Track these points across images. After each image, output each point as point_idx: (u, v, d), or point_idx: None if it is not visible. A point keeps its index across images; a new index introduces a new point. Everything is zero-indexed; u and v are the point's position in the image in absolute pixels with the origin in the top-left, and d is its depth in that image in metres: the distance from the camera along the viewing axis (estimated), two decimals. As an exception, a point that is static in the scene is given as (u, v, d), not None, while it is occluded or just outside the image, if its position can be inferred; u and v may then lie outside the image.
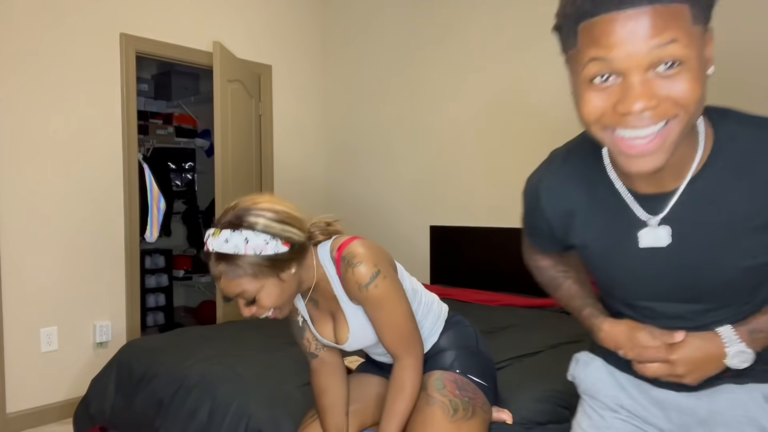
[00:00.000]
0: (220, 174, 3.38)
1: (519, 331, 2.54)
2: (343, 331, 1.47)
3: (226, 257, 1.27)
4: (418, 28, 3.88)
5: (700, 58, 0.74)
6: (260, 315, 1.36)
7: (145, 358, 2.31)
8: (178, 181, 5.37)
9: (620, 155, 0.78)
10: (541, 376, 1.87)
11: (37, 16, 3.01)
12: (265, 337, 2.49)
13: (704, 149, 0.84)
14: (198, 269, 5.36)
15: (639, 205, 0.89)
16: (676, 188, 0.86)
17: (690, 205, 0.86)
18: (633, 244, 0.91)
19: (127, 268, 3.37)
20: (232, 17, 3.86)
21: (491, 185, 3.54)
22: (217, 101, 3.36)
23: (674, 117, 0.74)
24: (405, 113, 3.99)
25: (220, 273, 1.29)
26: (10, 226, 2.94)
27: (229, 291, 1.31)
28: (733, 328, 0.91)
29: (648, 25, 0.70)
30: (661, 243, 0.88)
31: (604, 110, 0.76)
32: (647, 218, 0.89)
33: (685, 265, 0.89)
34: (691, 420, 1.02)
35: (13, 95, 2.95)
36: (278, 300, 1.33)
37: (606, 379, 1.12)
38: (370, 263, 1.36)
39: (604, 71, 0.74)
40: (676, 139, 0.75)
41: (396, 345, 1.41)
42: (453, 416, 1.37)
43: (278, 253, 1.29)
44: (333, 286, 1.42)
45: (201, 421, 1.89)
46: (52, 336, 3.08)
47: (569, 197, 0.98)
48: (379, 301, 1.37)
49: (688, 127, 0.76)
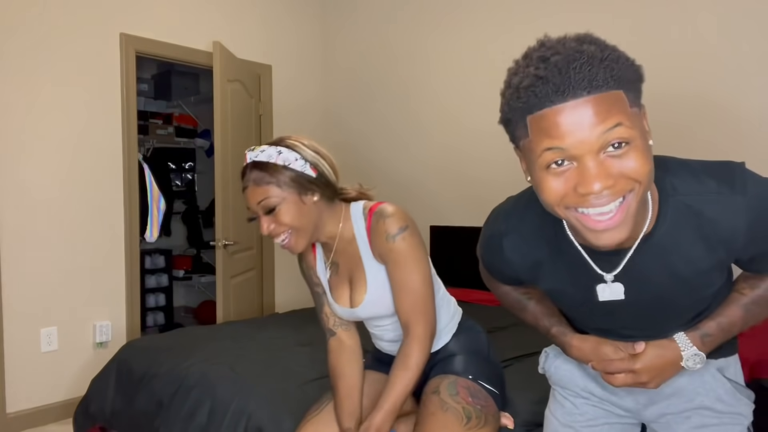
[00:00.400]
0: (220, 174, 3.38)
1: (519, 331, 2.54)
2: (359, 293, 1.49)
3: (258, 165, 1.39)
4: (418, 27, 3.88)
5: (643, 134, 0.80)
6: (277, 234, 1.41)
7: (145, 358, 2.31)
8: (178, 181, 5.37)
9: (587, 231, 0.82)
10: (540, 376, 1.86)
11: (37, 16, 3.02)
12: (264, 337, 2.50)
13: (652, 207, 0.90)
14: (198, 269, 5.36)
15: (595, 263, 0.96)
16: (629, 246, 0.92)
17: (641, 261, 0.93)
18: (594, 295, 1.00)
19: (127, 268, 3.37)
20: (232, 17, 3.86)
21: (491, 185, 3.54)
22: (217, 101, 3.36)
23: (630, 191, 0.79)
24: (405, 113, 3.99)
25: (249, 180, 1.40)
26: (10, 225, 2.94)
27: (254, 197, 1.39)
28: (686, 334, 1.02)
29: (592, 113, 0.75)
30: (617, 297, 0.97)
31: (565, 192, 0.80)
32: (603, 275, 0.96)
33: (641, 309, 1.00)
34: (657, 396, 1.13)
35: (13, 95, 2.95)
36: (295, 220, 1.39)
37: (575, 369, 1.22)
38: (402, 219, 1.43)
39: (559, 158, 0.78)
40: (635, 209, 0.81)
41: (409, 310, 1.42)
42: (466, 424, 1.38)
43: (304, 173, 1.40)
44: (359, 243, 1.47)
45: (201, 420, 1.89)
46: (52, 336, 3.08)
47: (533, 251, 1.03)
48: (402, 256, 1.41)
49: (644, 197, 0.85)
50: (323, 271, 1.57)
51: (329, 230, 1.48)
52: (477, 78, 3.60)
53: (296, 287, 4.29)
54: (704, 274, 0.95)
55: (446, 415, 1.38)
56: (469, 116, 3.65)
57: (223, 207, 3.39)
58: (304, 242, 1.44)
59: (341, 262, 1.52)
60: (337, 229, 1.48)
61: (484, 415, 1.42)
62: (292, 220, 1.39)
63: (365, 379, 1.59)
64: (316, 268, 1.58)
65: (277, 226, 1.40)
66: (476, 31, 3.60)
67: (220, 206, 3.37)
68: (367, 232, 1.46)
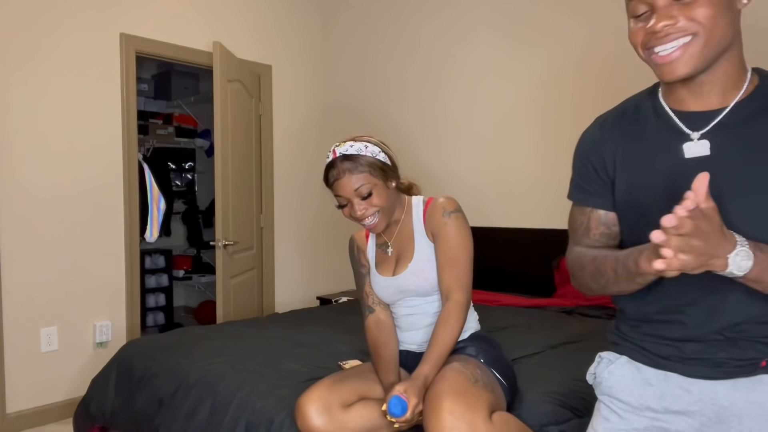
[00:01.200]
0: (220, 174, 3.38)
1: (519, 331, 2.54)
2: (403, 264, 1.70)
3: (350, 157, 1.62)
4: (418, 27, 3.88)
5: None
6: (366, 216, 1.62)
7: (145, 358, 2.31)
8: (178, 181, 5.37)
9: (656, 67, 0.98)
10: (541, 377, 1.87)
11: (38, 16, 3.02)
12: (264, 337, 2.50)
13: (749, 84, 1.00)
14: (198, 269, 5.36)
15: (683, 123, 1.02)
16: (720, 109, 1.00)
17: (731, 125, 0.98)
18: (676, 160, 1.01)
19: (127, 268, 3.37)
20: (232, 17, 3.86)
21: (491, 185, 3.54)
22: (217, 101, 3.36)
23: (694, 35, 0.94)
24: (404, 113, 3.99)
25: (344, 170, 1.60)
26: (10, 225, 2.94)
27: (350, 185, 1.60)
28: (748, 241, 0.89)
29: None
30: (703, 152, 0.99)
31: (644, 34, 0.98)
32: (690, 133, 1.01)
33: (721, 179, 0.94)
34: (725, 412, 1.00)
35: (13, 95, 2.95)
36: (384, 202, 1.63)
37: (631, 375, 1.10)
38: (457, 204, 1.70)
39: (641, 8, 0.98)
40: (698, 53, 0.94)
41: (452, 280, 1.61)
42: (474, 383, 1.45)
43: (386, 163, 1.66)
44: (414, 223, 1.72)
45: (202, 418, 1.89)
46: (52, 336, 3.08)
47: (615, 137, 1.11)
48: (454, 231, 1.64)
49: (710, 45, 0.94)
50: (372, 250, 1.80)
51: (396, 213, 1.73)
52: (478, 77, 3.60)
53: (296, 287, 4.29)
54: None
55: (455, 373, 1.47)
56: (469, 115, 3.65)
57: (223, 207, 3.39)
58: (385, 222, 1.67)
59: (394, 243, 1.75)
60: (402, 213, 1.74)
61: (491, 386, 1.50)
62: (382, 203, 1.62)
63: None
64: (367, 248, 1.81)
65: (369, 208, 1.61)
66: (476, 31, 3.60)
67: (220, 206, 3.37)
68: (423, 215, 1.70)
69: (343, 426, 1.51)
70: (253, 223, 3.91)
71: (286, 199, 4.23)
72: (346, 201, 1.63)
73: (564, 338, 2.35)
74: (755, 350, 0.99)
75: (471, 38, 3.63)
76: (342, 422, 1.51)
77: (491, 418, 1.37)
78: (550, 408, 1.66)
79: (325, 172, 1.67)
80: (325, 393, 1.54)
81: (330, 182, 1.65)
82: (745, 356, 0.99)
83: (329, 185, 1.66)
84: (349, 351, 2.27)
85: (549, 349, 2.24)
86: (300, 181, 4.32)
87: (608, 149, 1.11)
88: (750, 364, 0.99)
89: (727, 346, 1.00)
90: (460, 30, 3.68)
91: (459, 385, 1.41)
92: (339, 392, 1.55)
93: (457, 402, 1.35)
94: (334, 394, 1.54)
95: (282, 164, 4.19)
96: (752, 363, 0.99)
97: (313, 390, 1.56)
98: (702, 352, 1.02)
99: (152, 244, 4.42)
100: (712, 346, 1.01)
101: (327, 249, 4.47)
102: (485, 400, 1.40)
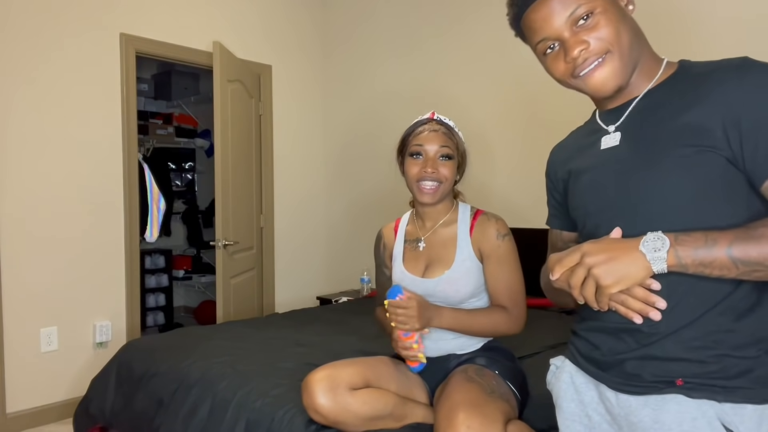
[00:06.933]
0: (220, 174, 3.38)
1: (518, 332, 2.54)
2: (437, 269, 1.68)
3: (444, 124, 1.71)
4: (418, 27, 3.88)
5: (614, 5, 0.99)
6: (435, 179, 1.66)
7: (145, 358, 2.31)
8: (178, 181, 5.37)
9: (587, 87, 1.02)
10: (540, 377, 1.86)
11: (37, 16, 3.02)
12: (264, 337, 2.50)
13: (662, 74, 1.03)
14: (198, 269, 5.37)
15: (603, 121, 1.09)
16: (632, 99, 1.04)
17: (638, 114, 1.02)
18: (596, 154, 1.07)
19: (127, 268, 3.37)
20: (232, 17, 3.86)
21: (491, 185, 3.54)
22: (217, 101, 3.36)
23: (608, 52, 0.98)
24: (404, 112, 3.99)
25: (438, 129, 1.68)
26: (10, 226, 2.95)
27: (438, 141, 1.67)
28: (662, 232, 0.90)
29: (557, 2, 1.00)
30: (614, 143, 1.04)
31: (564, 66, 1.02)
32: (607, 128, 1.07)
33: (630, 167, 0.99)
34: (635, 428, 0.96)
35: (13, 95, 2.95)
36: (451, 179, 1.69)
37: (570, 395, 1.11)
38: (506, 226, 1.72)
39: (550, 44, 1.02)
40: (620, 67, 0.99)
41: (505, 299, 1.65)
42: (490, 394, 1.45)
43: (465, 156, 1.76)
44: (459, 232, 1.70)
45: (201, 418, 1.89)
46: (52, 336, 3.08)
47: (571, 153, 1.16)
48: (507, 254, 1.67)
49: (626, 57, 0.99)
50: (401, 244, 1.79)
51: (441, 208, 1.74)
52: (478, 77, 3.60)
53: (296, 287, 4.29)
54: (685, 147, 0.91)
55: (470, 384, 1.47)
56: (469, 115, 3.65)
57: (223, 207, 3.39)
58: (439, 197, 1.68)
59: (428, 240, 1.74)
60: (446, 213, 1.74)
61: (506, 397, 1.50)
62: (451, 177, 1.68)
63: (393, 366, 1.68)
64: (395, 242, 1.81)
65: (439, 174, 1.65)
66: (476, 31, 3.60)
67: (220, 206, 3.37)
68: (470, 228, 1.70)
69: (346, 408, 1.51)
70: (253, 223, 3.91)
71: (286, 199, 4.23)
72: (424, 153, 1.67)
73: (564, 338, 2.33)
74: (673, 367, 0.92)
75: (471, 38, 3.62)
76: (346, 404, 1.51)
77: (507, 430, 1.38)
78: (550, 412, 1.65)
79: (414, 124, 1.73)
80: (334, 373, 1.55)
81: (416, 132, 1.69)
82: (662, 373, 0.93)
83: (412, 135, 1.71)
84: (349, 351, 2.27)
85: (548, 350, 2.24)
86: (300, 181, 4.32)
87: (558, 169, 1.18)
88: (665, 381, 0.93)
89: (646, 359, 0.95)
90: (461, 29, 3.68)
91: (474, 396, 1.40)
92: (347, 374, 1.55)
93: (473, 414, 1.34)
94: (342, 376, 1.54)
95: (282, 164, 4.20)
96: (668, 381, 0.93)
97: (322, 369, 1.57)
98: (620, 363, 0.98)
99: (152, 244, 4.43)
100: (629, 361, 0.97)
101: (327, 249, 4.47)
102: (501, 412, 1.40)
